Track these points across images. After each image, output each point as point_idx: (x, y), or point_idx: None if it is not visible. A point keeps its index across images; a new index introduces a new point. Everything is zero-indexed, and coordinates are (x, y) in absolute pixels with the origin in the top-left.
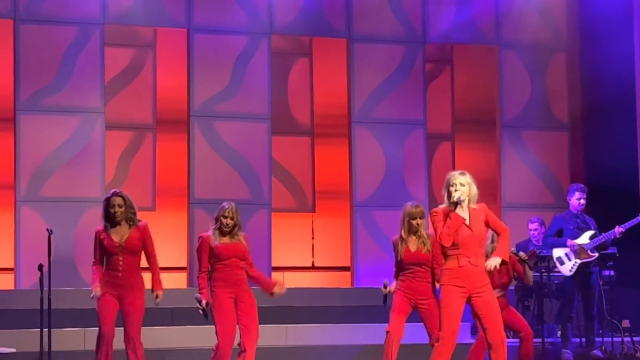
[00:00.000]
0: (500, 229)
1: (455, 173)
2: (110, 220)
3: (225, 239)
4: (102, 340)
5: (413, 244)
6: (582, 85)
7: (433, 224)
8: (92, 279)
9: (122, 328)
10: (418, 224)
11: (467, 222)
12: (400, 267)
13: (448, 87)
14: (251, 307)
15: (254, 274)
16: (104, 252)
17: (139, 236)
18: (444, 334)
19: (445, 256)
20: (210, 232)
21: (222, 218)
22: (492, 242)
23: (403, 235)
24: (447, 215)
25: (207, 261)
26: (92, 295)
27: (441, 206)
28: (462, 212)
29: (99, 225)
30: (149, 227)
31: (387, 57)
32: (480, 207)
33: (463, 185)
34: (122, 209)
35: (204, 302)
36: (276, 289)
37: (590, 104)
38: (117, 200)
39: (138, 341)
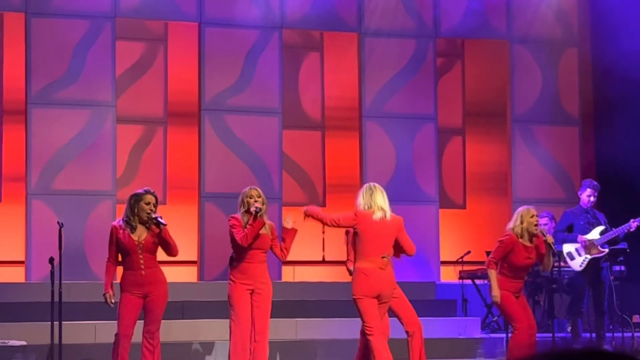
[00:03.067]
0: None
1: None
2: (139, 217)
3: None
4: (121, 340)
5: None
6: (593, 80)
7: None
8: (105, 282)
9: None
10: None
11: None
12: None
13: (459, 81)
14: (266, 298)
15: (278, 253)
16: (121, 250)
17: (154, 235)
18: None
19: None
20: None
21: (248, 199)
22: (521, 222)
23: None
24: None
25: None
26: (107, 301)
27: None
28: None
29: (114, 222)
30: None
31: (398, 52)
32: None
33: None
34: (155, 208)
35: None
36: (284, 224)
37: (601, 99)
38: (152, 199)
39: (158, 337)
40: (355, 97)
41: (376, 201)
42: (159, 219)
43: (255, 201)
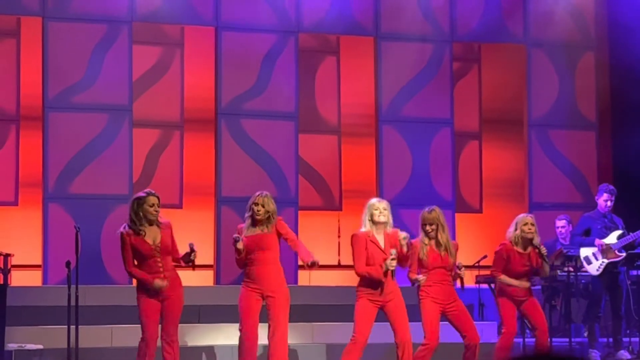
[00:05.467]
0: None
1: (375, 201)
2: (146, 219)
3: (255, 230)
4: (148, 345)
5: (437, 248)
6: (610, 84)
7: (353, 249)
8: (144, 278)
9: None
10: (430, 231)
11: (382, 245)
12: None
13: (475, 85)
14: (280, 301)
15: (294, 249)
16: (137, 256)
17: (169, 234)
18: (359, 335)
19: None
20: (244, 224)
21: (252, 205)
22: (515, 229)
23: (424, 241)
24: (366, 241)
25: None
26: (159, 285)
27: (362, 230)
28: (379, 235)
29: (121, 229)
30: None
31: (414, 56)
32: (393, 233)
33: (385, 209)
34: (159, 208)
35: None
36: (309, 262)
37: (618, 103)
38: (155, 200)
39: (177, 339)
40: (371, 102)
41: None
42: (193, 258)
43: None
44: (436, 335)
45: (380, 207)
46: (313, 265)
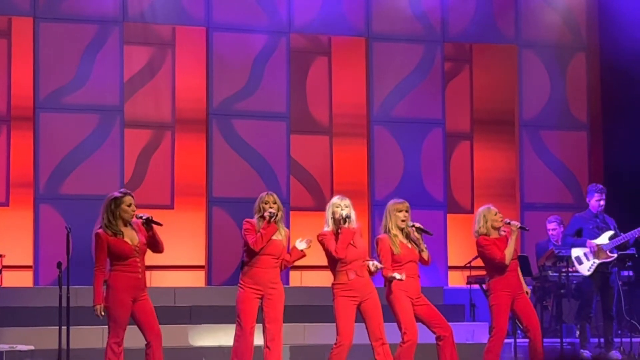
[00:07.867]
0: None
1: (336, 199)
2: (122, 220)
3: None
4: (121, 342)
5: (405, 241)
6: (601, 84)
7: (324, 244)
8: (97, 292)
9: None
10: (404, 219)
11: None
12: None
13: (467, 86)
14: (277, 303)
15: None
16: (116, 256)
17: (144, 234)
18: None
19: (336, 272)
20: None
21: (263, 205)
22: (486, 222)
23: (394, 232)
24: (334, 235)
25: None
26: (98, 313)
27: (325, 229)
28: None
29: (97, 229)
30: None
31: (406, 56)
32: (358, 228)
33: (347, 207)
34: (135, 208)
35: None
36: (297, 244)
37: (610, 104)
38: (132, 200)
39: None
40: (363, 102)
41: None
42: (153, 219)
43: (270, 207)
44: (416, 329)
45: (342, 205)
46: None
